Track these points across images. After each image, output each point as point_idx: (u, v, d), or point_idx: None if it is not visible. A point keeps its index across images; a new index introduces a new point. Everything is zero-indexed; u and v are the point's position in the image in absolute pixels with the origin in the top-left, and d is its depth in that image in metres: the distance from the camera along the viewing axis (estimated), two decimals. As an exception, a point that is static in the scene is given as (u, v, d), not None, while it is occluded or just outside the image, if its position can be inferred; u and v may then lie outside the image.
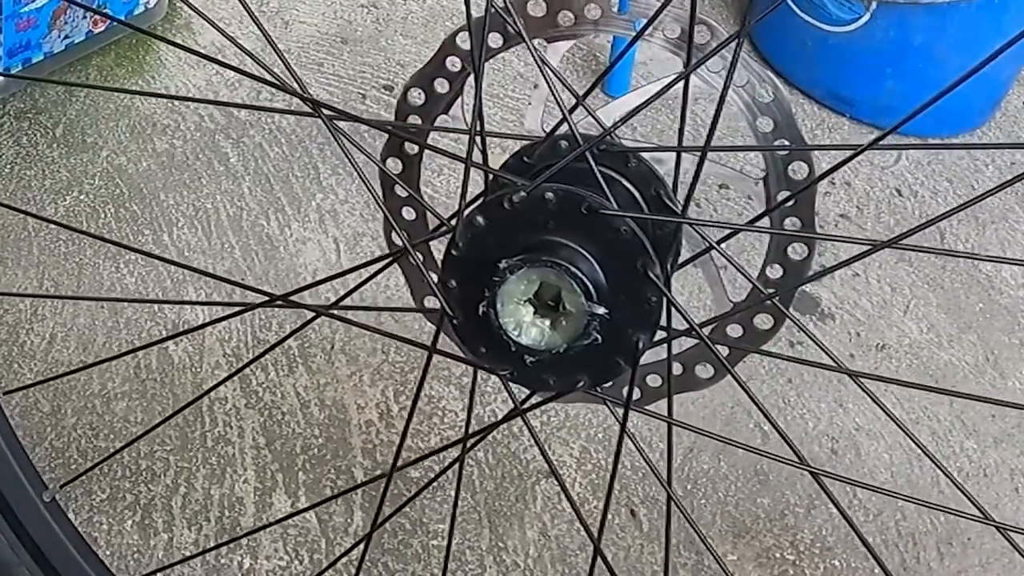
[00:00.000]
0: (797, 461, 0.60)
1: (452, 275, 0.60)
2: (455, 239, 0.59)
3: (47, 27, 1.45)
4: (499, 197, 0.57)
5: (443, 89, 0.66)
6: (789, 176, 0.61)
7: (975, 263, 1.38)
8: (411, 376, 1.18)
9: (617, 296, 0.57)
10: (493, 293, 0.57)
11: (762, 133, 0.61)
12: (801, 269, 0.63)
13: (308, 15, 1.70)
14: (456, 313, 0.60)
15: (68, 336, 1.21)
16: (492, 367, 0.61)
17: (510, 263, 0.56)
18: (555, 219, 0.57)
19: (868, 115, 1.55)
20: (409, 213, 0.71)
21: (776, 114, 0.60)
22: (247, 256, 1.31)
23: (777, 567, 1.06)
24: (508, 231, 0.58)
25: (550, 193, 0.56)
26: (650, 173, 0.61)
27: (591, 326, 0.56)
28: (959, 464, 1.16)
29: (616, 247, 0.56)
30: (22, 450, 0.79)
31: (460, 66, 0.65)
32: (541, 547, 1.06)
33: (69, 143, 1.44)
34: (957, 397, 0.86)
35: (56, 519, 0.80)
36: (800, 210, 0.61)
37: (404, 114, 0.67)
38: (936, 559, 1.08)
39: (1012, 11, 1.43)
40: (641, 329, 0.57)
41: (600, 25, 0.62)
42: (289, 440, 1.13)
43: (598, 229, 0.56)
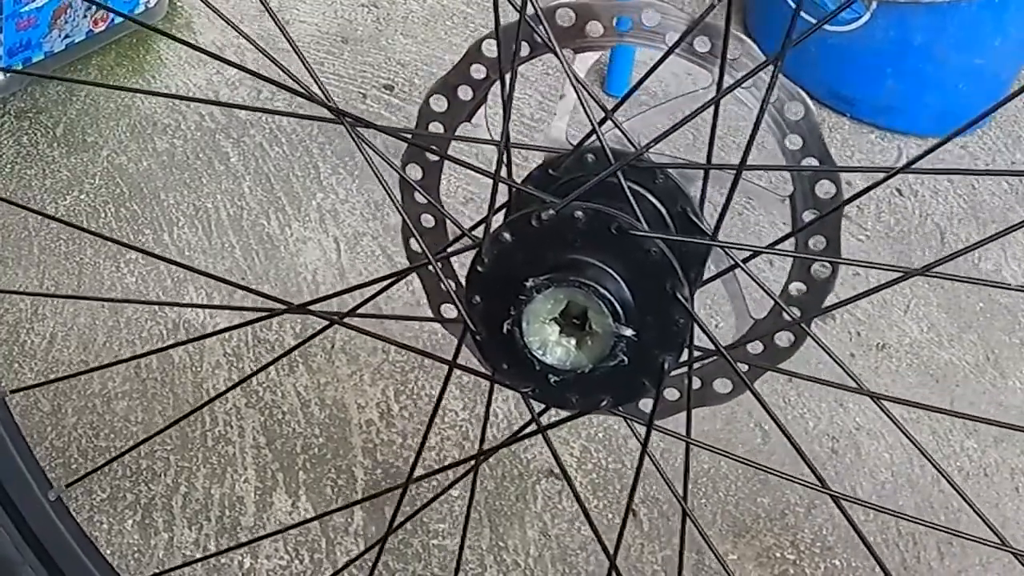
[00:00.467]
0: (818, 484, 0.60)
1: (476, 291, 0.59)
2: (481, 255, 0.58)
3: (47, 26, 1.45)
4: (527, 214, 0.56)
5: (467, 96, 0.65)
6: (816, 195, 0.60)
7: (975, 263, 1.38)
8: (411, 376, 1.19)
9: (644, 317, 0.56)
10: (519, 311, 0.56)
11: (790, 151, 0.60)
12: (824, 288, 0.62)
13: (308, 14, 1.70)
14: (479, 329, 0.60)
15: (68, 336, 1.21)
16: (514, 384, 0.61)
17: (537, 282, 0.55)
18: (583, 237, 0.56)
19: (868, 114, 1.55)
20: (428, 220, 0.70)
21: (805, 132, 0.59)
22: (247, 256, 1.31)
23: (777, 566, 1.06)
24: (535, 248, 0.57)
25: (580, 212, 0.55)
26: (677, 189, 0.60)
27: (618, 347, 0.55)
28: (960, 463, 1.16)
29: (645, 268, 0.55)
30: (28, 449, 0.79)
31: (485, 74, 0.64)
32: (542, 546, 1.06)
33: (70, 142, 1.44)
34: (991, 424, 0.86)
35: (61, 518, 0.80)
36: (826, 229, 0.61)
37: (426, 121, 0.66)
38: (936, 558, 1.08)
39: (1012, 10, 1.43)
40: (667, 350, 0.57)
41: (629, 37, 0.61)
42: (289, 439, 1.13)
43: (627, 249, 0.55)
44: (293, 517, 1.07)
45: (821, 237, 0.61)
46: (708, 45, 0.60)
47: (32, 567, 0.79)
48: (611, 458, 1.13)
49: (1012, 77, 1.57)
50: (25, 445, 0.79)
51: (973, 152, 1.54)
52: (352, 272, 1.29)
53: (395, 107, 1.53)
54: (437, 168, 0.68)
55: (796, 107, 0.59)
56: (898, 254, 1.37)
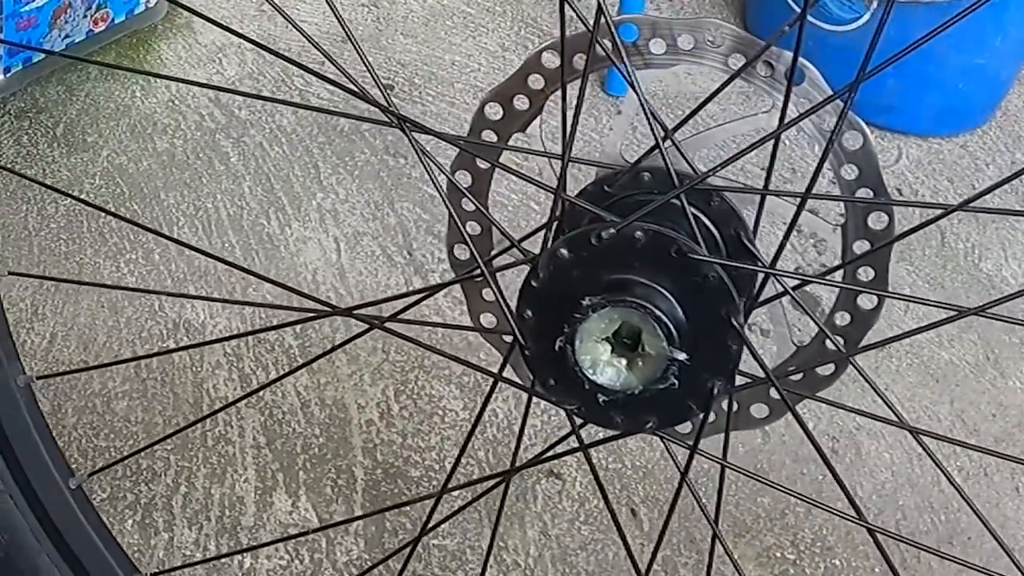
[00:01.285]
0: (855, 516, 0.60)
1: (529, 305, 0.59)
2: (536, 270, 0.58)
3: (47, 26, 1.45)
4: (587, 231, 0.56)
5: (523, 106, 0.64)
6: (868, 226, 0.60)
7: (975, 262, 1.37)
8: (411, 375, 1.19)
9: (696, 341, 0.56)
10: (573, 329, 0.56)
11: (846, 181, 0.59)
12: (870, 319, 0.62)
13: (309, 14, 1.70)
14: (529, 344, 0.59)
15: (69, 335, 1.21)
16: (559, 400, 0.60)
17: (594, 301, 0.55)
18: (641, 258, 0.56)
19: (869, 114, 1.55)
20: (473, 227, 0.69)
21: (862, 162, 0.59)
22: (247, 255, 1.31)
23: (778, 566, 1.06)
24: (592, 266, 0.57)
25: (640, 232, 0.55)
26: (732, 212, 0.60)
27: (670, 370, 0.55)
28: (960, 463, 1.16)
29: (701, 292, 0.55)
30: (51, 436, 0.79)
31: (543, 84, 0.63)
32: (542, 546, 1.06)
33: (70, 142, 1.45)
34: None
35: (81, 507, 0.80)
36: (875, 261, 0.60)
37: (479, 129, 0.66)
38: (936, 559, 1.08)
39: (1012, 10, 1.43)
40: (717, 375, 0.57)
41: (691, 56, 0.61)
42: (290, 439, 1.13)
43: (685, 272, 0.55)
44: (293, 517, 1.07)
45: (870, 268, 0.61)
46: (771, 71, 0.59)
47: (49, 556, 0.79)
48: (611, 457, 1.13)
49: (1012, 76, 1.57)
50: (48, 432, 0.78)
51: (972, 151, 1.54)
52: (352, 272, 1.29)
53: (395, 107, 1.53)
54: (487, 176, 0.67)
55: (855, 136, 0.59)
56: (898, 254, 1.37)
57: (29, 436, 0.78)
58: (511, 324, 0.60)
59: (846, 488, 0.58)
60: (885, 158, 1.52)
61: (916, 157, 1.52)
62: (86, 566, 0.80)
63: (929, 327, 0.58)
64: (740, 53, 0.59)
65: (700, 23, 0.59)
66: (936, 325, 0.55)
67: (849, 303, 0.62)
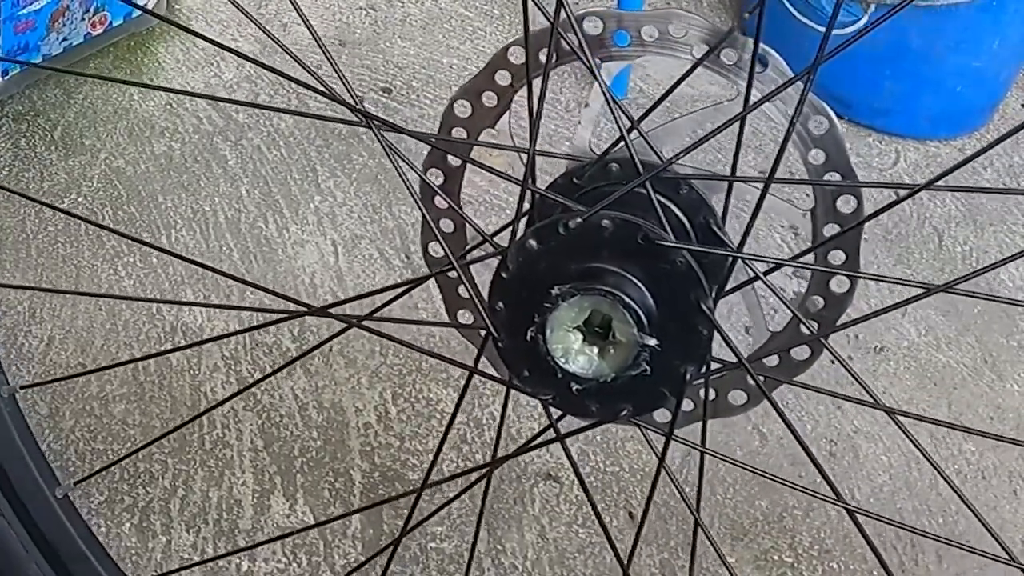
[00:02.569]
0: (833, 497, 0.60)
1: (500, 297, 0.59)
2: (506, 262, 0.58)
3: (45, 29, 1.45)
4: (554, 221, 0.56)
5: (491, 103, 0.65)
6: (837, 209, 0.60)
7: (973, 265, 1.37)
8: (409, 378, 1.18)
9: (667, 327, 0.56)
10: (543, 319, 0.56)
11: (813, 165, 0.60)
12: (843, 302, 0.63)
13: (306, 17, 1.70)
14: (501, 335, 0.60)
15: (66, 338, 1.21)
16: (534, 391, 0.61)
17: (563, 290, 0.56)
18: (609, 246, 0.56)
19: (866, 117, 1.55)
20: (447, 225, 0.70)
21: (829, 146, 0.60)
22: (245, 259, 1.31)
23: (776, 569, 1.06)
24: (560, 256, 0.57)
25: (607, 221, 0.56)
26: (700, 200, 0.60)
27: (641, 357, 0.56)
28: (957, 466, 1.16)
29: (670, 278, 0.56)
30: (36, 445, 0.79)
31: (510, 80, 0.64)
32: (539, 549, 1.06)
33: (67, 145, 1.44)
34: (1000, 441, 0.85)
35: (68, 515, 0.80)
36: (845, 244, 0.61)
37: (449, 126, 0.66)
38: (935, 561, 1.08)
39: (1010, 12, 1.43)
40: (689, 361, 0.57)
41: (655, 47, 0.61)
42: (287, 442, 1.13)
43: (653, 259, 0.56)
44: (291, 520, 1.07)
45: (840, 252, 0.61)
46: (735, 57, 0.60)
47: (38, 564, 0.79)
48: (608, 460, 1.13)
49: (1010, 79, 1.57)
50: (33, 442, 0.79)
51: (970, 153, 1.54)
52: (350, 275, 1.29)
53: (393, 110, 1.53)
54: (459, 173, 0.68)
55: (820, 121, 0.59)
56: (896, 257, 1.37)
57: (14, 446, 0.78)
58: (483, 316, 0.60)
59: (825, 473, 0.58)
60: (883, 161, 1.52)
61: (914, 160, 1.52)
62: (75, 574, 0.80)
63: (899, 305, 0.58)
64: (706, 43, 0.60)
65: (666, 15, 0.60)
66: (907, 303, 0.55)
67: (822, 287, 0.63)
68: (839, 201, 0.60)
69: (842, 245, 0.61)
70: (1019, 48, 1.51)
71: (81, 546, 0.80)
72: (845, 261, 0.61)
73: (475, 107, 0.65)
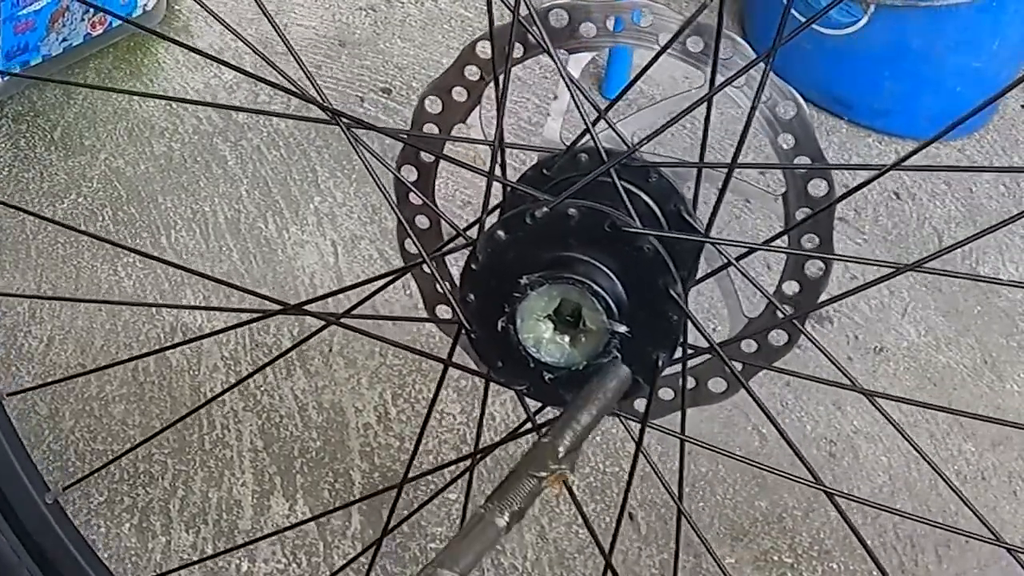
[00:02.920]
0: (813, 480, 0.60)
1: (471, 289, 0.59)
2: (475, 253, 0.58)
3: (45, 29, 1.45)
4: (521, 212, 0.57)
5: (461, 98, 0.65)
6: (809, 193, 0.60)
7: (973, 266, 1.38)
8: (409, 379, 1.18)
9: (637, 314, 0.56)
10: (513, 309, 0.56)
11: (783, 150, 0.60)
12: (818, 286, 0.63)
13: (306, 17, 1.70)
14: (474, 327, 0.60)
15: (66, 339, 1.21)
16: (509, 382, 0.61)
17: (531, 279, 0.56)
18: (577, 235, 0.56)
19: (866, 118, 1.55)
20: (423, 221, 0.70)
21: (798, 131, 0.59)
22: (245, 259, 1.31)
23: (775, 570, 1.06)
24: (529, 246, 0.57)
25: (573, 209, 0.56)
26: (670, 188, 0.60)
27: (611, 344, 0.56)
28: (957, 467, 1.16)
29: (638, 265, 0.56)
30: (24, 451, 0.79)
31: (479, 75, 0.64)
32: (539, 550, 1.06)
33: (67, 146, 1.44)
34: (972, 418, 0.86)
35: (58, 521, 0.80)
36: (818, 227, 0.61)
37: (420, 122, 0.66)
38: (934, 562, 1.08)
39: (1010, 13, 1.44)
40: (661, 347, 0.57)
41: (622, 37, 0.61)
42: (287, 443, 1.13)
43: (620, 246, 0.56)
44: (290, 520, 1.07)
45: (814, 235, 0.61)
46: (701, 45, 0.59)
47: (29, 570, 0.79)
48: (608, 461, 1.13)
49: (1010, 79, 1.57)
50: (22, 448, 0.79)
51: (970, 155, 1.54)
52: (350, 275, 1.29)
53: (393, 110, 1.53)
54: (432, 169, 0.68)
55: (788, 106, 0.59)
56: (896, 257, 1.37)
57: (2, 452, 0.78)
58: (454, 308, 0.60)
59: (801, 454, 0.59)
60: (883, 161, 1.52)
61: (913, 160, 1.52)
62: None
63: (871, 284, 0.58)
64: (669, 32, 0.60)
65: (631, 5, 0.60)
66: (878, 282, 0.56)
67: (797, 271, 0.63)
68: (810, 185, 0.60)
69: (815, 229, 0.61)
70: (1019, 48, 1.51)
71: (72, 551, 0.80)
72: (819, 245, 0.61)
73: (445, 103, 0.65)
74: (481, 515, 0.49)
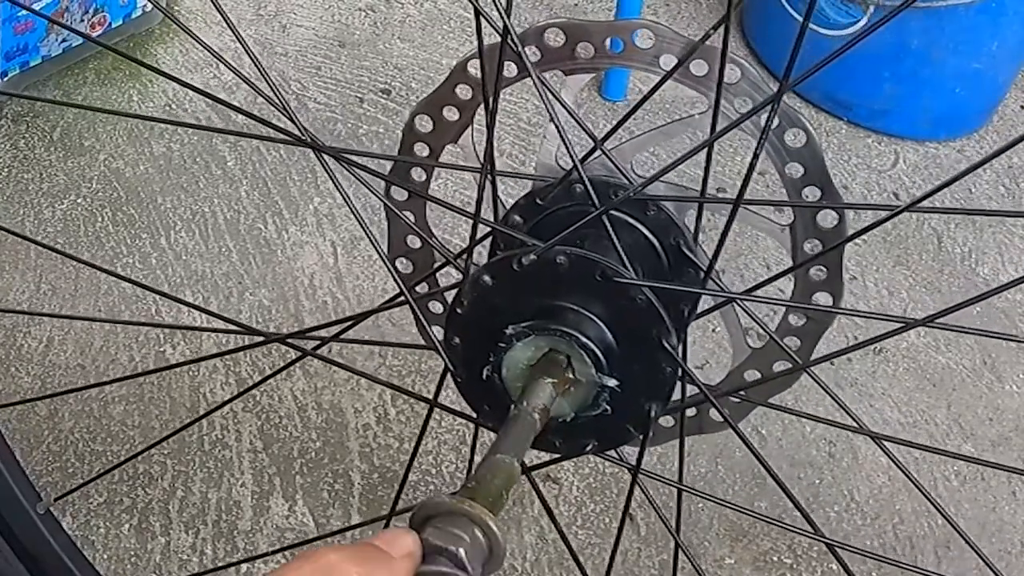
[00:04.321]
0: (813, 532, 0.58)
1: (456, 332, 0.56)
2: (460, 298, 0.55)
3: (45, 30, 1.45)
4: (508, 257, 0.53)
5: (453, 116, 0.61)
6: (817, 224, 0.57)
7: (972, 267, 1.38)
8: (408, 380, 1.18)
9: (629, 364, 0.53)
10: (498, 358, 0.54)
11: (791, 180, 0.56)
12: (825, 318, 0.59)
13: (306, 18, 1.70)
14: (459, 371, 0.57)
15: (65, 339, 1.21)
16: (496, 426, 0.58)
17: (517, 330, 0.53)
18: (566, 282, 0.53)
19: (865, 119, 1.55)
20: (414, 242, 0.67)
21: (807, 160, 0.55)
22: (244, 260, 1.31)
23: (775, 571, 1.06)
24: (516, 292, 0.54)
25: (563, 257, 0.52)
26: (670, 221, 0.57)
27: (601, 397, 0.53)
28: (957, 467, 1.16)
29: (630, 315, 0.53)
30: (15, 461, 0.78)
31: (471, 94, 0.60)
32: (539, 551, 1.06)
33: (67, 146, 1.44)
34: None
35: (50, 530, 0.79)
36: (827, 260, 0.57)
37: (410, 142, 0.63)
38: (934, 563, 1.08)
39: (1009, 14, 1.44)
40: (654, 398, 0.54)
41: (621, 59, 0.57)
42: (286, 444, 1.13)
43: (612, 295, 0.53)
44: (290, 521, 1.07)
45: (823, 267, 0.58)
46: (705, 68, 0.55)
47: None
48: (607, 462, 1.13)
49: (1009, 81, 1.57)
50: (12, 458, 0.78)
51: (969, 156, 1.54)
52: (349, 276, 1.29)
53: (392, 111, 1.53)
54: (423, 188, 0.65)
55: (797, 134, 0.55)
56: (895, 258, 1.37)
57: None
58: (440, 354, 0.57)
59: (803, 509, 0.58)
60: (882, 162, 1.52)
61: (913, 162, 1.52)
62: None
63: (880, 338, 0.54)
64: (672, 55, 0.56)
65: (630, 25, 0.56)
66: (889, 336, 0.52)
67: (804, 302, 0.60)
68: (819, 216, 0.57)
69: (823, 261, 0.58)
70: (1018, 50, 1.51)
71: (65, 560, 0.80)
72: (827, 278, 0.58)
73: (436, 122, 0.61)
74: (516, 412, 0.50)
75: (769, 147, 0.55)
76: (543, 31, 0.57)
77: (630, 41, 0.56)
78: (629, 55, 0.56)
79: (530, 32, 0.57)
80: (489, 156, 0.54)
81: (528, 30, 0.57)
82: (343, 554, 0.38)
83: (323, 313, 1.25)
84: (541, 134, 1.45)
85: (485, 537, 0.43)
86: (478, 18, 0.52)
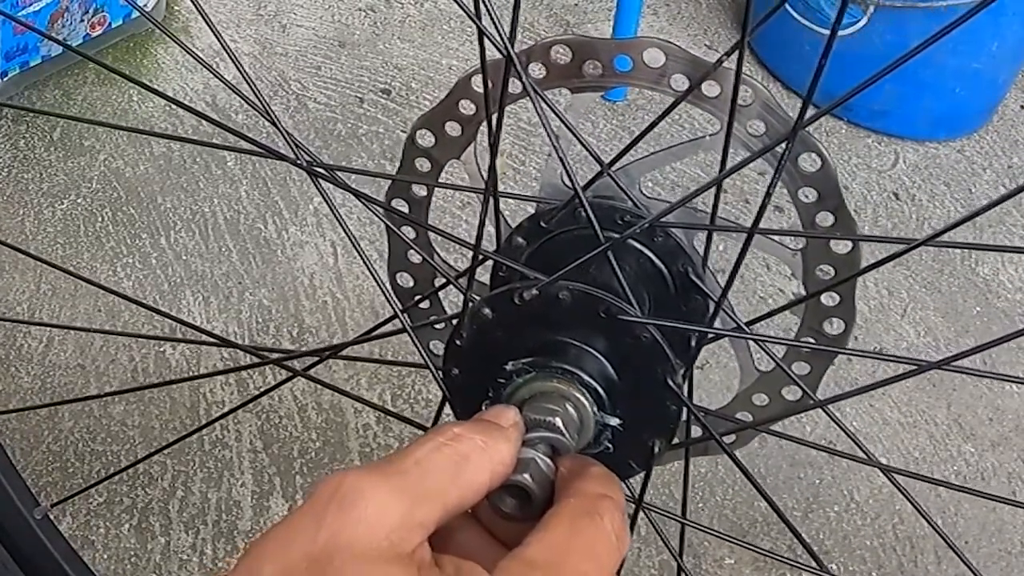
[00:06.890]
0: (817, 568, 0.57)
1: (455, 364, 0.55)
2: (459, 331, 0.54)
3: (44, 30, 1.45)
4: (509, 291, 0.52)
5: (455, 132, 0.59)
6: (831, 250, 0.55)
7: (972, 267, 1.38)
8: (408, 379, 1.18)
9: (633, 402, 0.52)
10: (497, 394, 0.52)
11: (804, 204, 0.54)
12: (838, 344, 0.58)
13: (306, 18, 1.70)
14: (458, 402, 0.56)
15: (65, 339, 1.21)
16: None
17: (516, 366, 0.51)
18: (569, 318, 0.52)
19: (865, 119, 1.55)
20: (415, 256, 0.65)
21: (821, 185, 0.54)
22: (244, 260, 1.31)
23: (775, 570, 1.06)
24: (517, 326, 0.53)
25: (565, 292, 0.51)
26: (678, 248, 0.55)
27: (603, 436, 0.52)
28: (957, 467, 1.16)
29: (635, 352, 0.51)
30: (11, 466, 0.78)
31: (474, 110, 0.58)
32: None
33: (67, 146, 1.44)
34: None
35: (48, 536, 0.79)
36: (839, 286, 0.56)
37: (411, 158, 0.61)
38: (934, 562, 1.08)
39: (1009, 14, 1.44)
40: (657, 435, 0.53)
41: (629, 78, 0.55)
42: (286, 444, 1.13)
43: (616, 332, 0.51)
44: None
45: (835, 294, 0.56)
46: (717, 90, 0.53)
47: None
48: (608, 462, 1.13)
49: (1009, 81, 1.57)
50: (9, 462, 0.78)
51: (969, 156, 1.54)
52: (349, 276, 1.29)
53: (392, 111, 1.53)
54: (425, 201, 0.63)
55: (812, 158, 0.53)
56: (895, 260, 1.37)
57: None
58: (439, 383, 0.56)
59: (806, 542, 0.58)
60: (882, 163, 1.52)
61: (913, 162, 1.52)
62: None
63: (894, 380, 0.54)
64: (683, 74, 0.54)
65: (637, 43, 0.54)
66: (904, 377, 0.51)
67: (815, 327, 0.58)
68: (832, 242, 0.55)
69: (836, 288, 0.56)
70: (1017, 50, 1.51)
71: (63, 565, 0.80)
72: (840, 303, 0.56)
73: (439, 137, 0.60)
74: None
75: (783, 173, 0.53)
76: (549, 48, 0.55)
77: (640, 60, 0.54)
78: (638, 74, 0.55)
79: (536, 48, 0.55)
80: (492, 180, 0.53)
81: (534, 47, 0.55)
82: (464, 426, 0.44)
83: (323, 313, 1.25)
84: (543, 138, 1.45)
85: (576, 411, 0.49)
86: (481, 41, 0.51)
